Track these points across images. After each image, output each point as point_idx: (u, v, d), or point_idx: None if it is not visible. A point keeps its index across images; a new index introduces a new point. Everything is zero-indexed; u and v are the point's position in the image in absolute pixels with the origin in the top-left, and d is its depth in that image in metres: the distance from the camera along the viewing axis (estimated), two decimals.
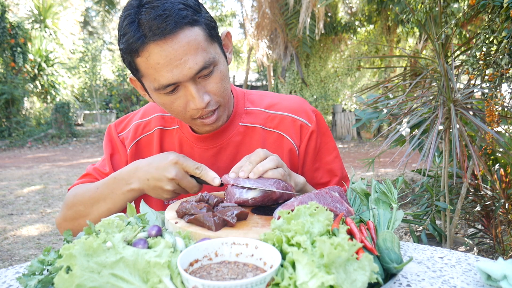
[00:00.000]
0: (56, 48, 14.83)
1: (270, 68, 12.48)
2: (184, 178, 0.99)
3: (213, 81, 0.98)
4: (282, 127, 1.19)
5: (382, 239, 0.76)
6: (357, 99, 9.69)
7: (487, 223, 2.71)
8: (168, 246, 0.65)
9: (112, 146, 1.27)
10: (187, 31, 0.91)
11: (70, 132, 13.84)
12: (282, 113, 1.20)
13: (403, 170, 3.52)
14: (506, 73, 1.76)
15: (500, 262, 0.72)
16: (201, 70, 0.94)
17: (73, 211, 1.15)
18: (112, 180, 1.08)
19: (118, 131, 1.28)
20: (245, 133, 1.19)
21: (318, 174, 1.25)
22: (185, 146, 1.21)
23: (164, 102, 1.00)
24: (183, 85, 0.96)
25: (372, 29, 11.47)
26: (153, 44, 0.90)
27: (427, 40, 6.16)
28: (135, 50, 0.92)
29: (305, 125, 1.20)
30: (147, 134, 1.24)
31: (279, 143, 1.19)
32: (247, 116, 1.20)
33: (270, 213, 0.87)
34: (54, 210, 5.11)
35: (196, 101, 0.96)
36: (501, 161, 2.69)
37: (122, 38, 0.93)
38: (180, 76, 0.93)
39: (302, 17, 9.21)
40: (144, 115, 1.27)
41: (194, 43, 0.92)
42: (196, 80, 0.96)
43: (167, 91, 0.96)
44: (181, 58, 0.91)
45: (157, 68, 0.92)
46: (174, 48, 0.90)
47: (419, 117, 2.12)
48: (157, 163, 1.01)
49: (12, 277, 0.83)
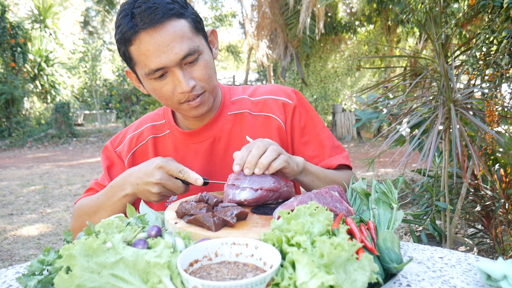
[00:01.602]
0: (56, 48, 14.84)
1: (270, 68, 12.48)
2: (168, 181, 1.05)
3: (198, 68, 1.08)
4: (266, 108, 1.28)
5: (382, 239, 0.76)
6: (357, 99, 9.69)
7: (487, 223, 2.71)
8: (168, 247, 0.65)
9: (109, 160, 1.36)
10: (174, 22, 1.03)
11: (70, 132, 13.85)
12: (263, 96, 1.31)
13: (403, 170, 3.52)
14: (506, 73, 1.76)
15: (500, 262, 0.72)
16: (186, 56, 1.04)
17: (79, 222, 1.23)
18: (109, 189, 1.15)
19: (115, 147, 1.36)
20: (234, 120, 1.27)
21: (308, 148, 1.30)
22: (179, 147, 1.28)
23: (154, 87, 1.09)
24: (171, 70, 1.05)
25: (372, 29, 11.47)
26: (143, 33, 1.01)
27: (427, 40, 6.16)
28: (128, 39, 1.03)
29: (286, 102, 1.29)
30: (141, 145, 1.32)
31: (267, 124, 1.27)
32: (234, 105, 1.30)
33: (270, 213, 0.88)
34: (54, 210, 5.12)
35: (182, 85, 1.06)
36: (501, 161, 2.69)
37: (117, 29, 1.05)
38: (167, 61, 1.03)
39: (302, 17, 9.21)
40: (137, 127, 1.36)
41: (180, 32, 1.03)
42: (183, 66, 1.06)
43: (156, 76, 1.06)
44: (168, 44, 1.02)
45: (147, 54, 1.03)
46: (162, 36, 1.01)
47: (419, 117, 2.12)
48: (144, 168, 1.07)
49: (12, 277, 0.83)
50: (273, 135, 1.26)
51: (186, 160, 1.27)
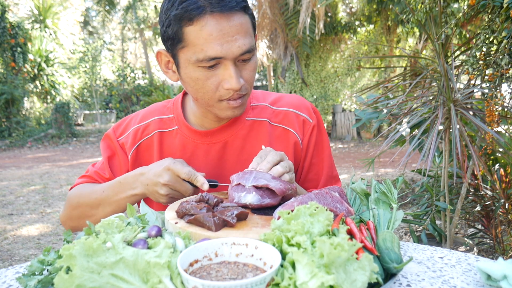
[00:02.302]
0: (56, 48, 14.83)
1: (270, 68, 12.48)
2: (177, 183, 1.03)
3: (249, 68, 1.05)
4: (287, 121, 1.24)
5: (382, 239, 0.76)
6: (357, 99, 9.68)
7: (487, 223, 2.71)
8: (168, 247, 0.65)
9: (110, 150, 1.28)
10: (241, 15, 0.99)
11: (70, 132, 13.84)
12: (286, 108, 1.26)
13: (403, 170, 3.52)
14: (506, 73, 1.76)
15: (500, 262, 0.72)
16: (245, 53, 1.00)
17: (78, 211, 1.18)
18: (117, 184, 1.12)
19: (117, 136, 1.28)
20: (252, 127, 1.23)
21: (310, 171, 1.29)
22: (188, 145, 1.22)
23: (199, 77, 1.02)
24: (224, 63, 1.00)
25: (372, 29, 11.46)
26: (210, 16, 0.95)
27: (427, 40, 6.16)
28: (190, 18, 0.96)
29: (307, 120, 1.26)
30: (146, 138, 1.25)
31: (285, 137, 1.24)
32: (253, 111, 1.25)
33: (270, 213, 0.87)
34: (54, 210, 5.12)
35: (233, 81, 1.01)
36: (501, 161, 2.69)
37: (179, 4, 0.97)
38: (228, 52, 0.98)
39: (302, 17, 9.20)
40: (143, 119, 1.28)
41: (245, 26, 1.00)
42: (236, 62, 1.02)
43: (208, 65, 1.00)
44: (233, 36, 0.97)
45: (209, 39, 0.96)
46: (230, 25, 0.97)
47: (419, 117, 2.12)
48: (154, 169, 1.05)
49: (12, 277, 0.83)
50: (289, 149, 1.23)
51: (193, 160, 1.22)
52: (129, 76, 15.79)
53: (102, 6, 16.35)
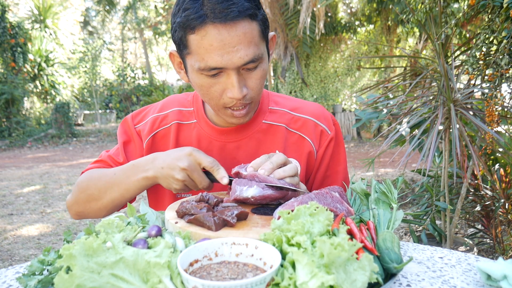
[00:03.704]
0: (56, 48, 14.83)
1: (270, 68, 12.48)
2: (195, 171, 1.01)
3: (255, 77, 1.02)
4: (304, 129, 1.22)
5: (382, 239, 0.76)
6: (357, 99, 9.68)
7: (487, 223, 2.71)
8: (168, 246, 0.65)
9: (127, 135, 1.28)
10: (246, 23, 0.95)
11: (70, 132, 13.84)
12: (306, 116, 1.24)
13: (403, 170, 3.52)
14: (506, 73, 1.76)
15: (500, 262, 0.72)
16: (249, 63, 0.98)
17: (86, 194, 1.16)
18: (130, 167, 1.10)
19: (135, 123, 1.28)
20: (268, 130, 1.22)
21: (326, 182, 1.26)
22: (203, 140, 1.22)
23: (203, 83, 1.02)
24: (227, 72, 0.98)
25: (372, 29, 11.46)
26: (211, 26, 0.93)
27: (427, 40, 6.16)
28: (192, 26, 0.94)
29: (325, 131, 1.23)
30: (164, 128, 1.25)
31: (300, 145, 1.22)
32: (271, 115, 1.23)
33: (270, 213, 0.88)
34: (54, 210, 5.11)
35: (235, 90, 0.99)
36: (501, 161, 2.69)
37: (182, 12, 0.95)
38: (229, 63, 0.96)
39: (302, 17, 9.20)
40: (162, 109, 1.28)
41: (250, 35, 0.96)
42: (240, 71, 1.00)
43: (210, 74, 0.99)
44: (235, 46, 0.94)
45: (209, 50, 0.95)
46: (231, 35, 0.93)
47: (419, 117, 2.12)
48: (174, 153, 1.04)
49: (12, 277, 0.83)
50: (302, 157, 1.21)
51: None
52: (129, 76, 15.79)
53: (102, 6, 16.34)
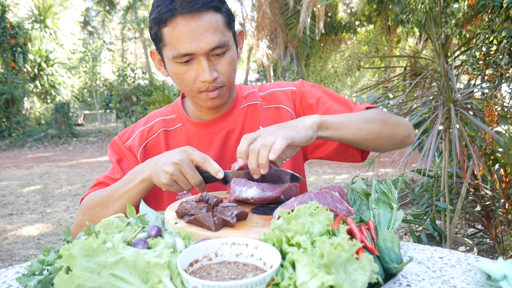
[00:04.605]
0: (56, 48, 14.83)
1: (270, 68, 12.48)
2: (187, 166, 1.02)
3: (224, 62, 1.13)
4: (275, 100, 1.32)
5: (382, 239, 0.76)
6: (357, 99, 9.68)
7: (487, 223, 2.71)
8: (168, 247, 0.65)
9: (118, 154, 1.32)
10: (211, 14, 1.08)
11: (70, 132, 13.84)
12: (270, 90, 1.35)
13: (403, 170, 3.52)
14: (506, 73, 1.76)
15: (500, 262, 0.72)
16: (215, 48, 1.09)
17: (89, 214, 1.17)
18: (128, 175, 1.14)
19: (123, 141, 1.34)
20: (247, 111, 1.31)
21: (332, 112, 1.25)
22: (192, 139, 1.28)
23: (177, 71, 1.13)
24: (198, 58, 1.10)
25: (372, 29, 11.46)
26: (180, 17, 1.06)
27: (427, 40, 6.15)
28: (164, 20, 1.07)
29: (292, 90, 1.33)
30: (152, 137, 1.31)
31: (278, 115, 1.30)
32: (246, 99, 1.34)
33: (270, 213, 0.88)
34: (54, 210, 5.12)
35: (205, 74, 1.10)
36: (501, 161, 2.69)
37: (155, 9, 1.09)
38: (198, 49, 1.07)
39: (302, 17, 9.20)
40: (147, 121, 1.35)
41: (215, 24, 1.08)
42: (210, 57, 1.11)
43: (182, 60, 1.10)
44: (201, 33, 1.06)
45: (180, 38, 1.07)
46: (198, 24, 1.06)
47: (419, 117, 2.12)
48: (169, 152, 1.08)
49: (12, 277, 0.83)
50: None
51: None
52: (129, 76, 15.79)
53: (102, 6, 16.34)
